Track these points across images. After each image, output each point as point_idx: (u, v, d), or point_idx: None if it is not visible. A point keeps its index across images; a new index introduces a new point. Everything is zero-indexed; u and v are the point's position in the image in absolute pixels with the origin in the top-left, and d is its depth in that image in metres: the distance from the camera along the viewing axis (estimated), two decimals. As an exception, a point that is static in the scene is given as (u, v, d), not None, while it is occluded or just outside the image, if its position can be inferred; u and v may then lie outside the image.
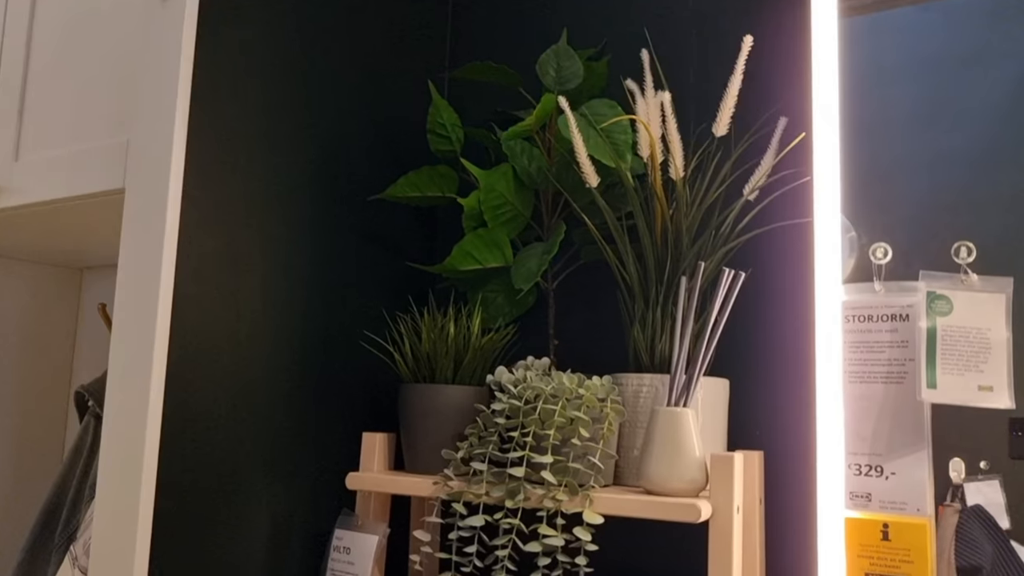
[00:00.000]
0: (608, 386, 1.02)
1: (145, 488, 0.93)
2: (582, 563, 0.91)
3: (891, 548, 0.98)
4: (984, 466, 0.98)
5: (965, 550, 0.98)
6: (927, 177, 1.03)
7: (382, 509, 1.12)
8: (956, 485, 0.99)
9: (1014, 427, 0.96)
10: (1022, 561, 0.96)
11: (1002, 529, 0.97)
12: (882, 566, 0.98)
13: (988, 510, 0.98)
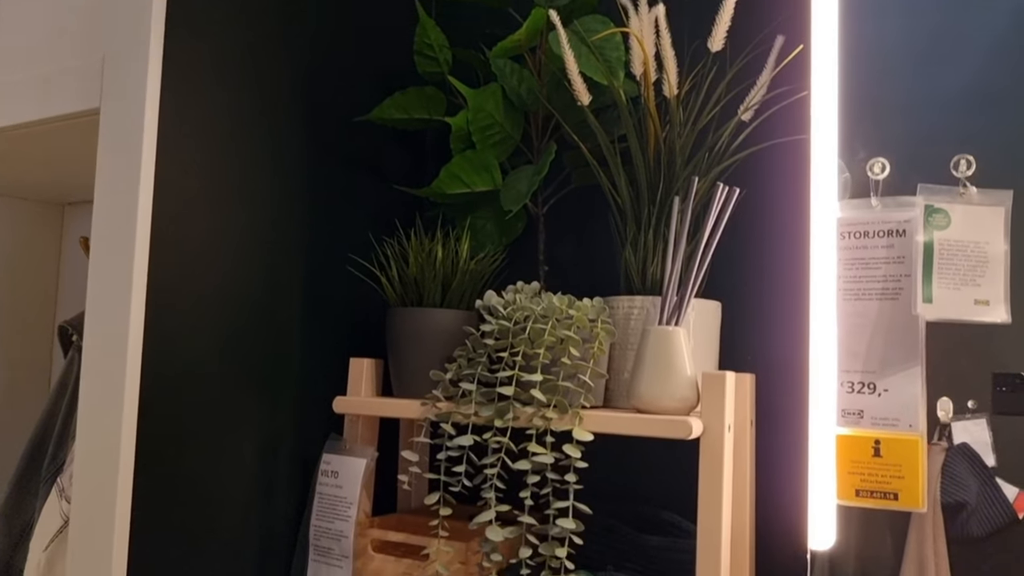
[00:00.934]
0: (599, 306, 1.00)
1: (127, 416, 0.92)
2: (572, 480, 0.90)
3: (882, 464, 0.98)
4: (972, 405, 0.98)
5: (951, 487, 0.98)
6: (927, 90, 1.00)
7: (370, 433, 1.11)
8: (943, 424, 0.99)
9: (998, 382, 0.96)
10: (1006, 497, 0.96)
11: (987, 466, 0.97)
12: (873, 482, 0.98)
13: (974, 448, 0.98)
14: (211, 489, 1.00)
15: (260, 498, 1.06)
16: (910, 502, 0.97)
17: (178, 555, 0.96)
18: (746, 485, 1.01)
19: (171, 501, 0.95)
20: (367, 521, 1.07)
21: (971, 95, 0.98)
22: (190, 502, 0.97)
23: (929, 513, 0.99)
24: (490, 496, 0.93)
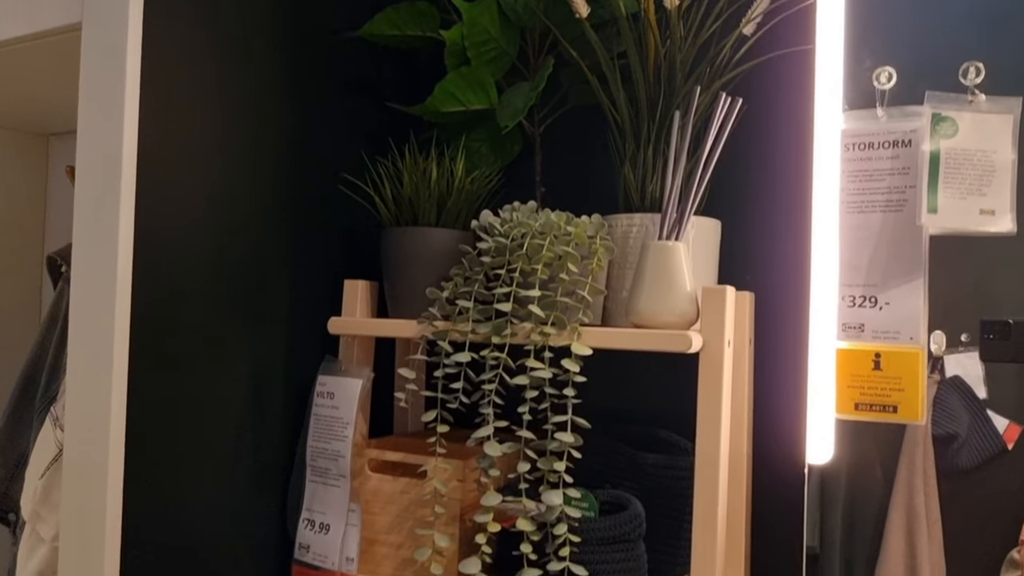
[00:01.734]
0: (597, 223, 0.99)
1: (118, 345, 0.90)
2: (570, 395, 0.90)
3: (882, 377, 0.97)
4: (965, 339, 0.97)
5: (942, 419, 0.99)
6: (936, -2, 0.97)
7: (365, 355, 1.10)
8: (936, 357, 0.99)
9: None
10: (996, 429, 0.97)
11: (979, 399, 0.97)
12: (872, 395, 0.98)
13: (966, 381, 0.97)
14: (205, 413, 0.99)
15: (255, 420, 1.06)
16: (909, 415, 0.97)
17: (173, 479, 0.96)
18: (744, 403, 1.01)
19: (165, 426, 0.95)
20: (364, 442, 1.06)
21: (981, 1, 0.95)
22: (184, 427, 0.97)
23: (919, 445, 1.00)
24: (488, 412, 0.93)
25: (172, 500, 0.96)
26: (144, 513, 0.93)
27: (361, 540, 1.03)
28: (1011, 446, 0.96)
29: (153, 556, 0.94)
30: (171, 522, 0.96)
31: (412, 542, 1.01)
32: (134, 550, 0.91)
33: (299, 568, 1.05)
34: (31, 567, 1.29)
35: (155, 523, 0.94)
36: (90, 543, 0.91)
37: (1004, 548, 0.97)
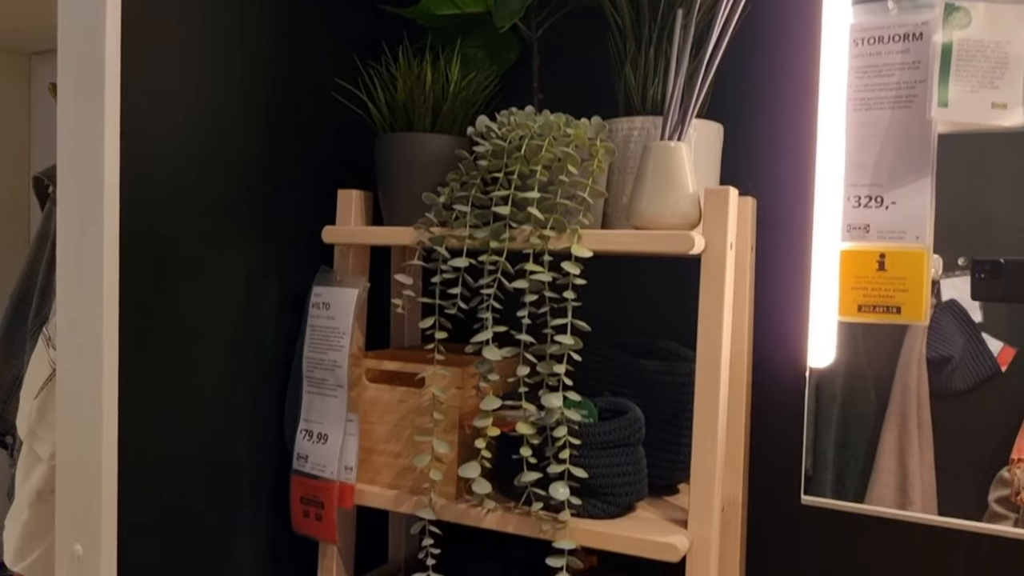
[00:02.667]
0: (598, 124, 0.96)
1: (108, 263, 0.88)
2: (570, 297, 0.88)
3: (886, 278, 0.96)
4: (962, 262, 0.96)
5: (937, 342, 0.99)
6: None
7: (361, 265, 1.09)
8: (933, 281, 0.98)
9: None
10: (991, 351, 0.97)
11: (974, 322, 0.97)
12: (876, 297, 0.97)
13: (962, 305, 0.97)
14: (200, 327, 0.98)
15: (250, 333, 1.04)
16: (913, 315, 0.96)
17: (169, 393, 0.95)
18: (744, 310, 1.00)
19: (158, 342, 0.93)
20: (360, 352, 1.05)
21: None
22: (179, 341, 0.95)
23: (914, 368, 1.00)
24: (487, 317, 0.91)
25: (169, 415, 0.95)
26: (140, 428, 0.92)
27: (359, 449, 1.03)
28: (1005, 368, 0.96)
29: (151, 470, 0.93)
30: (168, 436, 0.95)
31: (411, 450, 1.01)
32: (132, 466, 0.91)
33: (298, 478, 1.04)
34: (30, 485, 1.30)
35: (152, 438, 0.93)
36: (87, 460, 0.90)
37: (994, 468, 0.97)
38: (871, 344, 0.99)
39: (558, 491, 0.89)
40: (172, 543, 0.96)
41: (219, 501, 1.01)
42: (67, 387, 0.92)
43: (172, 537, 0.96)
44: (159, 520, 0.94)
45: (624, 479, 0.92)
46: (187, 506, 0.97)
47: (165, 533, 0.95)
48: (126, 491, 0.91)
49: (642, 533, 0.88)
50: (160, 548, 0.94)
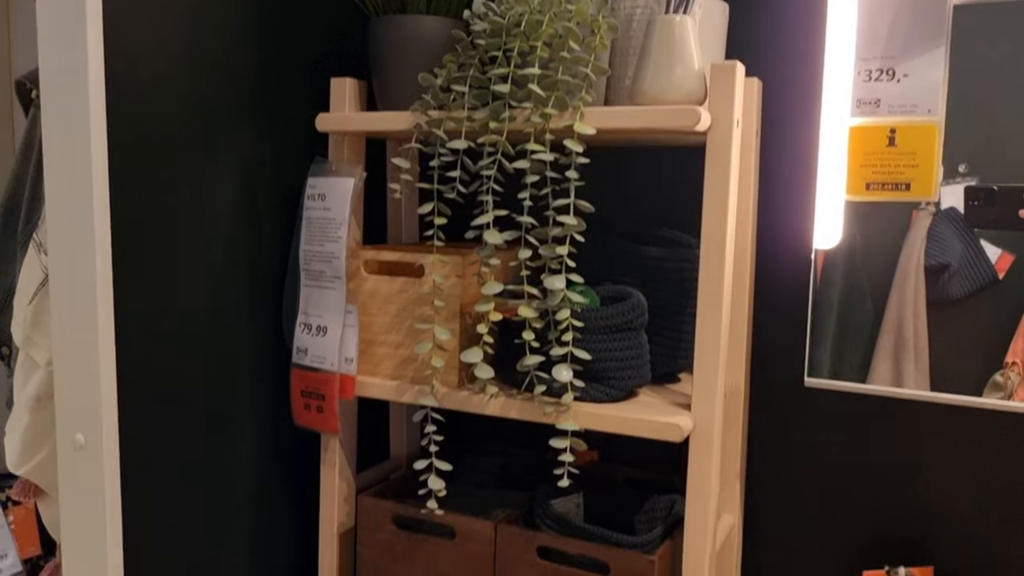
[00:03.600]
0: (600, 0, 0.92)
1: (97, 167, 0.85)
2: (573, 176, 0.86)
3: (896, 154, 0.94)
4: (963, 169, 0.94)
5: (935, 249, 0.98)
6: None
7: (356, 154, 1.06)
8: None
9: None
10: (988, 258, 0.96)
11: (973, 229, 0.96)
12: (885, 174, 0.95)
13: (961, 212, 0.96)
14: (194, 224, 0.95)
15: (246, 228, 1.02)
16: (922, 191, 0.94)
17: (164, 292, 0.93)
18: (750, 191, 0.98)
19: (152, 241, 0.91)
20: (358, 245, 1.04)
21: None
22: (172, 240, 0.93)
23: (911, 276, 0.99)
24: (487, 200, 0.89)
25: (166, 313, 0.93)
26: (138, 327, 0.90)
27: (359, 341, 1.02)
28: (1002, 275, 0.96)
29: (149, 365, 0.92)
30: (167, 334, 0.94)
31: (412, 341, 1.00)
32: (129, 359, 0.90)
33: (298, 371, 1.04)
34: (28, 391, 1.29)
35: (150, 337, 0.92)
36: (84, 352, 0.89)
37: (988, 373, 0.97)
38: (878, 225, 0.97)
39: (561, 374, 0.88)
40: (173, 434, 0.95)
41: (219, 395, 1.01)
42: (61, 293, 0.90)
43: (173, 428, 0.95)
44: (159, 411, 0.94)
45: (626, 363, 0.92)
46: (187, 399, 0.97)
47: (165, 425, 0.94)
48: (125, 382, 0.90)
49: (645, 414, 0.88)
50: (161, 439, 0.94)
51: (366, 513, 1.03)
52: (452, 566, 0.99)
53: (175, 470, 0.96)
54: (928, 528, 1.06)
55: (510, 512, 1.01)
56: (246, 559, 1.06)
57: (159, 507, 0.94)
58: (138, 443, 0.91)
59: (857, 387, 1.01)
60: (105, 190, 0.86)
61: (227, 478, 1.02)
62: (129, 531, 0.91)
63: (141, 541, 0.93)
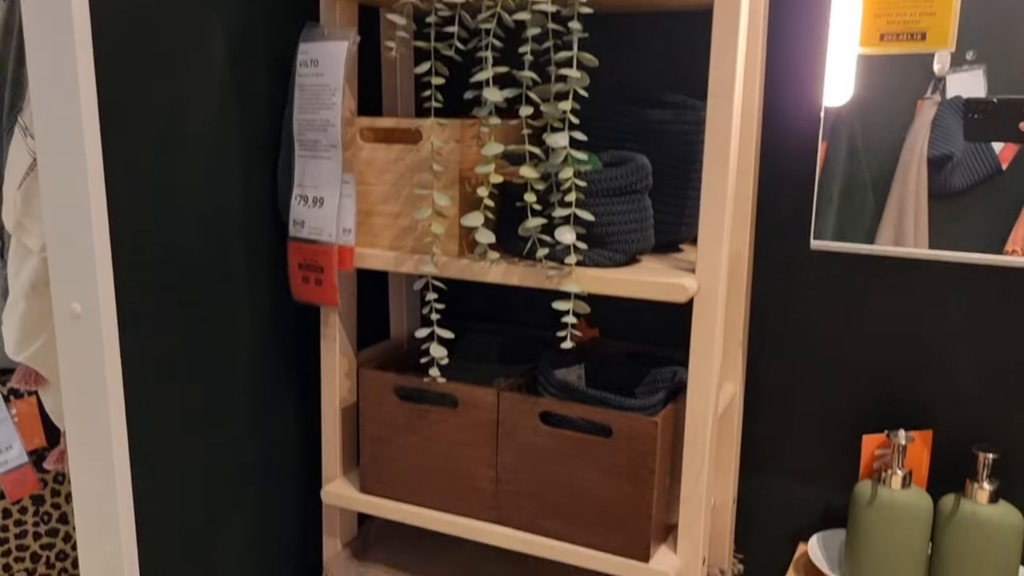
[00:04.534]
0: None
1: (80, 45, 0.81)
2: (576, 28, 0.83)
3: (913, 1, 0.91)
4: (971, 56, 0.91)
5: (939, 140, 0.96)
6: None
7: (348, 17, 1.02)
8: (939, 78, 0.94)
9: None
10: (992, 148, 0.95)
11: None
12: (900, 23, 0.92)
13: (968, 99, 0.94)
14: (184, 98, 0.92)
15: (236, 99, 0.99)
16: (939, 41, 0.91)
17: (155, 167, 0.90)
18: (758, 45, 0.95)
19: (143, 117, 0.88)
20: (353, 113, 1.00)
21: None
22: (163, 115, 0.90)
23: (913, 168, 0.98)
24: (486, 55, 0.86)
25: (158, 188, 0.91)
26: (129, 201, 0.88)
27: (357, 212, 1.00)
28: (1006, 166, 0.94)
29: (143, 241, 0.90)
30: (160, 207, 0.91)
31: (410, 210, 0.98)
32: (123, 239, 0.88)
33: (295, 244, 1.02)
34: (23, 278, 1.27)
35: (142, 210, 0.89)
36: (78, 233, 0.87)
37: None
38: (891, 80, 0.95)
39: (564, 236, 0.86)
40: (171, 303, 0.94)
41: (216, 270, 0.99)
42: (50, 172, 0.88)
43: (170, 297, 0.94)
44: (157, 281, 0.92)
45: (630, 227, 0.90)
46: (183, 272, 0.95)
47: (163, 294, 0.93)
48: (119, 253, 0.88)
49: (649, 276, 0.87)
50: (158, 310, 0.93)
51: (368, 386, 1.03)
52: (455, 435, 0.99)
53: (174, 343, 0.95)
54: (928, 392, 1.06)
55: (512, 381, 1.01)
56: (249, 433, 1.07)
57: (159, 382, 0.94)
58: (136, 314, 0.90)
59: (862, 248, 1.01)
60: (90, 68, 0.83)
61: (227, 351, 1.02)
62: (131, 406, 0.91)
63: (142, 418, 0.92)
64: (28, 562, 1.53)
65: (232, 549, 1.06)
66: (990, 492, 0.96)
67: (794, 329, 1.11)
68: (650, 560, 0.92)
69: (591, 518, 0.94)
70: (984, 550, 0.95)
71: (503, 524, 0.99)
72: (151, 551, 0.95)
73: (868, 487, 1.00)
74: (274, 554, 1.13)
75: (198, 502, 1.00)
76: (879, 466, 1.02)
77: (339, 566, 1.09)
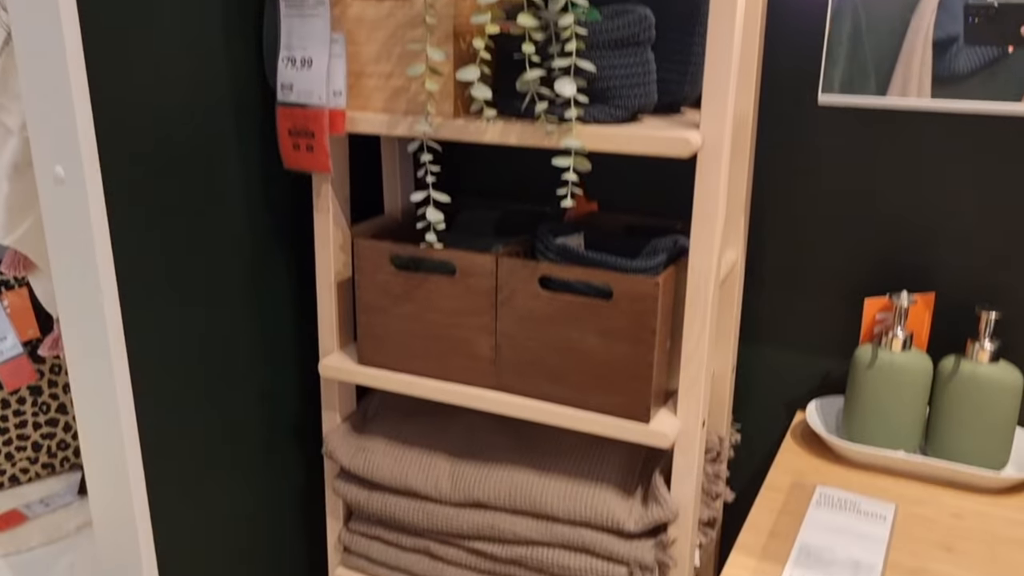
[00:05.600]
0: None
1: None
2: None
3: None
4: None
5: (944, 20, 0.95)
6: None
7: None
8: None
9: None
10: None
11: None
12: None
13: None
14: None
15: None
16: None
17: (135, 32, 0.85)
18: None
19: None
20: (341, -31, 0.95)
21: None
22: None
23: (917, 52, 0.96)
24: None
25: (140, 59, 0.87)
26: (110, 74, 0.84)
27: (348, 74, 0.96)
28: (1012, 50, 0.92)
29: (125, 106, 0.86)
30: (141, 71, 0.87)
31: (403, 69, 0.94)
32: (104, 103, 0.84)
33: (284, 109, 0.98)
34: (5, 159, 1.24)
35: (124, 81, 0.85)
36: (58, 109, 0.83)
37: None
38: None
39: (564, 87, 0.83)
40: (156, 170, 0.91)
41: (202, 137, 0.96)
42: (25, 44, 0.83)
43: (155, 164, 0.91)
44: (140, 148, 0.89)
45: (631, 80, 0.86)
46: (169, 137, 0.92)
47: (147, 161, 0.90)
48: (100, 116, 0.84)
49: (651, 131, 0.84)
50: (142, 178, 0.90)
51: (363, 255, 1.01)
52: (453, 302, 0.98)
53: (162, 214, 0.92)
54: (931, 253, 1.05)
55: (511, 248, 0.99)
56: (245, 307, 1.05)
57: (149, 254, 0.92)
58: (121, 181, 0.87)
59: (871, 101, 0.98)
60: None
61: (218, 223, 1.00)
62: (122, 276, 0.89)
63: (135, 290, 0.91)
64: (30, 451, 1.54)
65: (231, 427, 1.06)
66: (991, 351, 0.95)
67: (798, 189, 1.09)
68: (650, 422, 0.92)
69: (591, 382, 0.93)
70: (982, 408, 0.96)
71: (503, 391, 0.98)
72: (151, 429, 0.95)
73: (868, 350, 1.00)
74: (274, 431, 1.14)
75: (196, 378, 1.00)
76: (880, 330, 1.02)
77: (338, 439, 1.10)
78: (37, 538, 1.41)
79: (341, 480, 1.11)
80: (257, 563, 1.15)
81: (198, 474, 1.02)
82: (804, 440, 1.09)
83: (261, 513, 1.14)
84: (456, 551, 1.06)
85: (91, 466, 0.97)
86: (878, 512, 0.93)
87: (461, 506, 1.03)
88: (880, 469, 1.02)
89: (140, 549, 0.97)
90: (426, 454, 1.06)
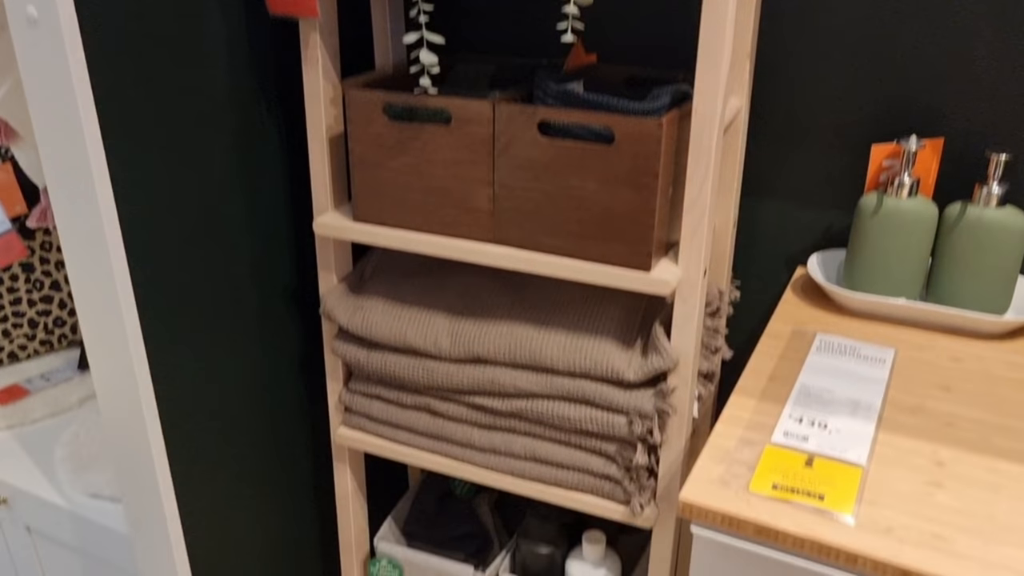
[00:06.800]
0: None
1: None
2: None
3: None
4: None
5: None
6: None
7: None
8: None
9: None
10: None
11: None
12: None
13: None
14: None
15: None
16: None
17: None
18: None
19: None
20: None
21: None
22: None
23: None
24: None
25: None
26: None
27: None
28: None
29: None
30: None
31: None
32: None
33: (266, -52, 0.93)
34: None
35: None
36: None
37: None
38: None
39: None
40: (138, 17, 0.87)
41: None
42: None
43: (137, 11, 0.86)
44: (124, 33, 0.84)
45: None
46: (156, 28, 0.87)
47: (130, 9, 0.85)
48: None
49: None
50: (127, 21, 0.86)
51: (355, 107, 0.98)
52: (449, 153, 0.95)
53: (138, 60, 0.88)
54: (941, 97, 1.02)
55: (509, 95, 0.95)
56: (240, 165, 1.02)
57: (130, 104, 0.88)
58: (97, 20, 0.83)
59: None
60: None
61: (201, 74, 0.95)
62: (105, 121, 0.85)
63: (119, 134, 0.87)
64: (27, 327, 1.53)
65: (228, 292, 1.05)
66: (999, 195, 0.94)
67: (806, 33, 1.05)
68: (652, 270, 0.91)
69: (592, 231, 0.92)
70: (987, 252, 0.94)
71: (502, 243, 0.97)
72: (146, 294, 0.94)
73: (873, 198, 0.98)
74: (271, 296, 1.13)
75: (191, 243, 0.98)
76: (886, 178, 1.00)
77: (336, 299, 1.09)
78: (40, 411, 1.42)
79: (340, 340, 1.11)
80: (258, 429, 1.16)
81: (197, 340, 1.02)
82: (805, 292, 1.08)
83: (261, 377, 1.14)
84: (456, 407, 1.06)
85: (89, 329, 0.96)
86: (878, 356, 0.93)
87: (461, 362, 1.03)
88: (881, 317, 1.02)
89: (144, 413, 0.97)
90: (425, 312, 1.05)
